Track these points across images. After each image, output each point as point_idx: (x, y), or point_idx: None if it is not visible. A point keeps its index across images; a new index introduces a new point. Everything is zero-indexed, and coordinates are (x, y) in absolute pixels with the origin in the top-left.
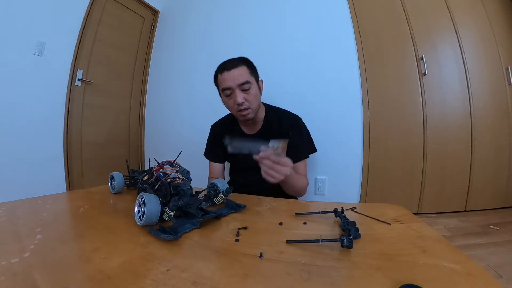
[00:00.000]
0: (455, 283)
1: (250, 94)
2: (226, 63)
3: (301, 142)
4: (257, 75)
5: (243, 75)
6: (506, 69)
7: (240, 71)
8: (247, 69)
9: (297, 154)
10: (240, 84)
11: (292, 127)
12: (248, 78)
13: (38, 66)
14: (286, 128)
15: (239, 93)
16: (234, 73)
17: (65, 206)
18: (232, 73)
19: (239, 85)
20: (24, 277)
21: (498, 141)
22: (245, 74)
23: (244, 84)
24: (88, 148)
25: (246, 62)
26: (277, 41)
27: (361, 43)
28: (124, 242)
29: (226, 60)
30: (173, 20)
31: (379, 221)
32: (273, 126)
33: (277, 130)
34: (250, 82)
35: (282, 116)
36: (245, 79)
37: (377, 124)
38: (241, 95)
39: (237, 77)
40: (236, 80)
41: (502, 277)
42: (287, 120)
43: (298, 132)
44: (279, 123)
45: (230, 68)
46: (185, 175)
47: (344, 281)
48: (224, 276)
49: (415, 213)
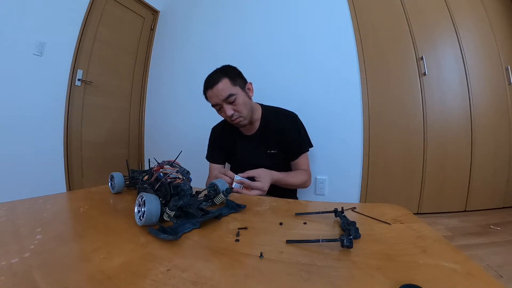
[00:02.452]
0: (455, 283)
1: (238, 104)
2: (207, 80)
3: (300, 137)
4: (242, 81)
5: (225, 89)
6: (506, 69)
7: (221, 86)
8: (229, 80)
9: (298, 150)
10: (225, 98)
11: (290, 124)
12: (230, 91)
13: (38, 66)
14: (284, 125)
15: (227, 107)
16: (216, 90)
17: (65, 206)
18: (215, 90)
19: (224, 99)
20: (24, 277)
21: (498, 141)
22: (227, 88)
23: (229, 98)
24: (88, 148)
25: (227, 73)
26: (277, 41)
27: (361, 43)
28: (124, 242)
29: (208, 76)
30: (173, 20)
31: (379, 221)
32: (270, 125)
33: (275, 128)
34: (234, 93)
35: (278, 114)
36: (227, 93)
37: (377, 124)
38: (229, 108)
39: (220, 93)
40: (220, 96)
41: (502, 277)
42: (284, 118)
43: (296, 128)
44: (277, 121)
45: (212, 85)
46: (185, 175)
47: (344, 281)
48: (224, 276)
49: (415, 213)
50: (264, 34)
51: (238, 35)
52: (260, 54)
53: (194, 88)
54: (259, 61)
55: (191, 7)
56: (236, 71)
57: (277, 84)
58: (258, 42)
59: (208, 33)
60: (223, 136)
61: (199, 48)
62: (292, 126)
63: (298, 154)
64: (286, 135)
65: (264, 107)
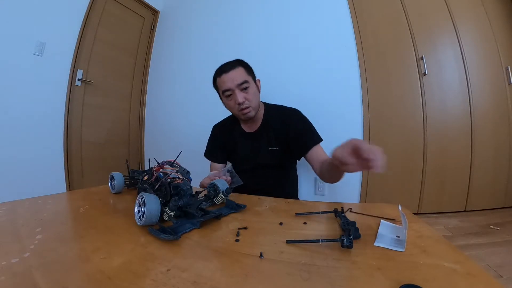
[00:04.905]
0: (455, 283)
1: (249, 93)
2: (224, 66)
3: (309, 127)
4: (254, 75)
5: (241, 75)
6: (506, 69)
7: (237, 72)
8: (244, 69)
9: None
10: (239, 84)
11: (293, 116)
12: (246, 78)
13: (38, 66)
14: (287, 118)
15: (239, 93)
16: (232, 75)
17: (65, 206)
18: (230, 75)
19: (238, 85)
20: (24, 277)
21: (498, 141)
22: (243, 74)
23: (243, 84)
24: (88, 148)
25: (242, 64)
26: (277, 41)
27: (361, 43)
28: (124, 242)
29: (223, 64)
30: (173, 20)
31: (386, 219)
32: (272, 122)
33: (278, 123)
34: (248, 81)
35: (281, 110)
36: (243, 79)
37: (377, 124)
38: (241, 95)
39: (235, 78)
40: (235, 80)
41: (502, 277)
42: (287, 112)
43: (301, 120)
44: (280, 118)
45: (228, 70)
46: (185, 175)
47: (344, 281)
48: (224, 276)
49: (415, 213)
50: (263, 34)
51: (238, 35)
52: (260, 54)
53: (194, 88)
54: (259, 61)
55: (191, 7)
56: (249, 65)
57: (277, 84)
58: (258, 42)
59: (208, 33)
60: (223, 134)
61: (199, 48)
62: (297, 118)
63: (310, 144)
64: (291, 128)
65: (266, 105)
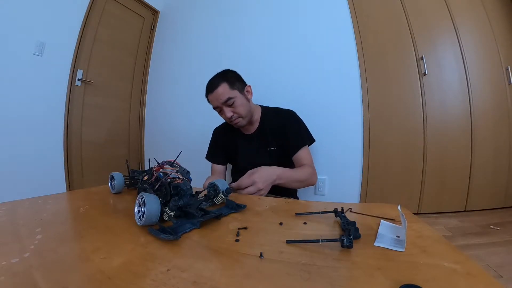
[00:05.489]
0: (455, 283)
1: (236, 106)
2: (208, 85)
3: (299, 131)
4: (241, 85)
5: (224, 93)
6: (506, 69)
7: (220, 90)
8: (227, 85)
9: (297, 143)
10: (224, 101)
11: (288, 118)
12: (229, 95)
13: (38, 66)
14: (283, 119)
15: (226, 109)
16: (216, 94)
17: (65, 206)
18: (215, 94)
19: (223, 103)
20: (24, 277)
21: (498, 141)
22: (226, 91)
23: (228, 101)
24: (88, 148)
25: (226, 78)
26: (277, 42)
27: (361, 43)
28: (124, 242)
29: (208, 82)
30: (173, 20)
31: (385, 219)
32: (269, 123)
33: (275, 125)
34: (232, 97)
35: (277, 112)
36: (226, 96)
37: (377, 124)
38: (228, 110)
39: (219, 96)
40: (219, 99)
41: (502, 277)
42: (283, 113)
43: (294, 122)
44: (276, 118)
45: (212, 90)
46: (185, 175)
47: (344, 281)
48: (224, 276)
49: (415, 213)
50: (263, 34)
51: (238, 35)
52: (260, 54)
53: (194, 88)
54: (258, 61)
55: (191, 7)
56: (235, 75)
57: (277, 85)
58: (258, 42)
59: (208, 33)
60: (224, 137)
61: (199, 48)
62: (291, 120)
63: (298, 147)
64: (285, 129)
65: (263, 108)
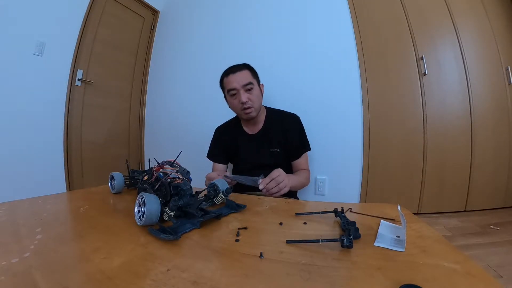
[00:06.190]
0: (455, 283)
1: (253, 94)
2: (232, 67)
3: (303, 138)
4: (259, 79)
5: (247, 77)
6: (506, 69)
7: (243, 74)
8: (250, 72)
9: (300, 149)
10: (244, 84)
11: (294, 124)
12: (251, 80)
13: (38, 66)
14: (288, 125)
15: (243, 93)
16: (239, 76)
17: (65, 206)
18: (237, 76)
19: (243, 86)
20: (24, 277)
21: (498, 141)
22: (248, 76)
23: (248, 85)
24: (88, 148)
25: (249, 67)
26: (277, 42)
27: (361, 43)
28: (124, 242)
29: (231, 66)
30: (173, 20)
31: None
32: (274, 126)
33: (280, 128)
34: (252, 83)
35: (282, 115)
36: (248, 80)
37: (377, 124)
38: (245, 95)
39: (241, 78)
40: (240, 81)
41: (502, 277)
42: (289, 119)
43: (299, 129)
44: (281, 122)
45: (235, 71)
46: (185, 175)
47: (344, 281)
48: (224, 276)
49: (415, 213)
50: (263, 34)
51: (238, 35)
52: (260, 54)
53: (194, 87)
54: (259, 61)
55: (191, 7)
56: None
57: (277, 85)
58: (258, 42)
59: (208, 33)
60: (226, 136)
61: (199, 48)
62: (296, 126)
63: (300, 153)
64: (290, 135)
65: (268, 109)
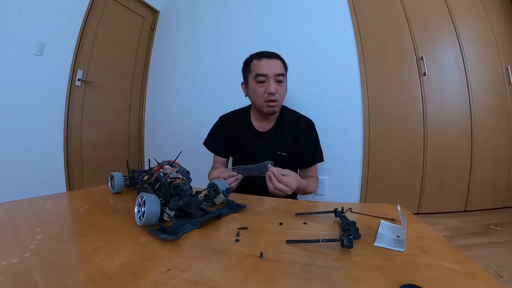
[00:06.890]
0: (455, 283)
1: (282, 87)
2: (265, 52)
3: (317, 146)
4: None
5: (280, 67)
6: (506, 69)
7: (278, 63)
8: (283, 64)
9: (314, 158)
10: (277, 74)
11: (308, 129)
12: (283, 72)
13: (38, 66)
14: (303, 129)
15: (273, 83)
16: (273, 62)
17: (65, 206)
18: (272, 62)
19: (276, 75)
20: (24, 277)
21: (498, 141)
22: (282, 68)
23: (280, 76)
24: (88, 148)
25: (282, 59)
26: (277, 42)
27: (361, 43)
28: (124, 242)
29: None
30: (173, 20)
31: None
32: (288, 127)
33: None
34: (284, 75)
35: (298, 118)
36: (281, 71)
37: (377, 125)
38: (275, 85)
39: (275, 67)
40: (273, 69)
41: (502, 277)
42: (304, 123)
43: (313, 135)
44: (296, 125)
45: (270, 57)
46: (185, 175)
47: (344, 281)
48: (224, 276)
49: (415, 213)
50: (263, 34)
51: (238, 35)
52: None
53: (194, 87)
54: None
55: (191, 7)
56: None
57: None
58: (258, 42)
59: (208, 33)
60: (230, 127)
61: (199, 48)
62: (311, 132)
63: (314, 162)
64: (303, 140)
65: (284, 108)
